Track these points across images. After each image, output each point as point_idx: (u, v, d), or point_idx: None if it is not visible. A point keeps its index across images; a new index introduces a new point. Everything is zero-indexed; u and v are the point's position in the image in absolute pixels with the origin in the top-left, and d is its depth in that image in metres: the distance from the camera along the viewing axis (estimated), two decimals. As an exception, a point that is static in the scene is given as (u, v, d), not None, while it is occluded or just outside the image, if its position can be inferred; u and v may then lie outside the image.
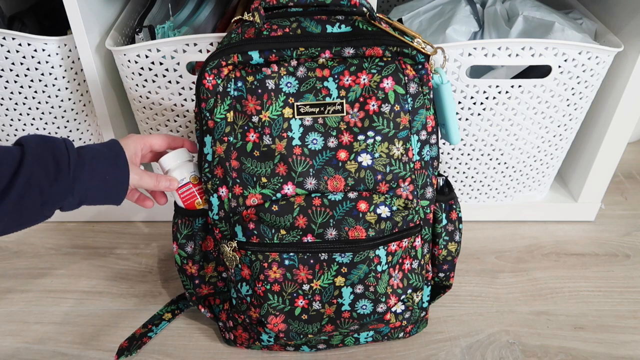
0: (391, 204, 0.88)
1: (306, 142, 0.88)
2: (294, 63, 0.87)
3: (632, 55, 1.13)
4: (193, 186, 0.96)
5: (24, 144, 0.78)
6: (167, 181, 0.93)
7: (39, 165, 0.77)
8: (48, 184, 0.77)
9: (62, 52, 1.12)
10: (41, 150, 0.78)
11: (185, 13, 1.24)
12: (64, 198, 0.80)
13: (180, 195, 0.96)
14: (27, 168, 0.75)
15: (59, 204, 0.80)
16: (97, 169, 0.82)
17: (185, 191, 0.96)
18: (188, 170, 0.96)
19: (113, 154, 0.86)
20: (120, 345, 1.05)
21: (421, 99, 0.89)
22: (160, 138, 0.95)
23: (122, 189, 0.86)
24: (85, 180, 0.81)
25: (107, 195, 0.85)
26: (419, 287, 0.96)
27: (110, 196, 0.86)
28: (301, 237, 0.86)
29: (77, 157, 0.80)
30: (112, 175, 0.85)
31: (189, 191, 0.96)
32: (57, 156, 0.79)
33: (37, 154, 0.77)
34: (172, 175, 0.95)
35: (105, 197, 0.85)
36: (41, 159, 0.77)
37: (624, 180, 1.51)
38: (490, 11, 1.21)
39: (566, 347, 1.07)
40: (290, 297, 0.89)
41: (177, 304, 1.14)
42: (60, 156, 0.79)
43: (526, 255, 1.28)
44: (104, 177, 0.83)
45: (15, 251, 1.28)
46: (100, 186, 0.83)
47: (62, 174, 0.78)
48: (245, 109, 0.87)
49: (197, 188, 0.96)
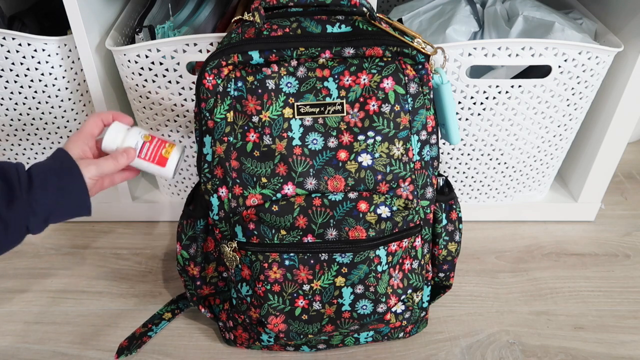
0: (391, 204, 0.88)
1: (306, 142, 0.88)
2: (294, 63, 0.87)
3: (632, 55, 1.13)
4: (149, 142, 0.93)
5: None
6: (124, 154, 0.90)
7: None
8: (5, 208, 0.76)
9: (62, 52, 1.12)
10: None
11: (185, 13, 1.24)
12: (25, 219, 0.79)
13: (146, 160, 0.93)
14: None
15: (22, 226, 0.79)
16: (49, 183, 0.81)
17: (146, 152, 0.93)
18: (134, 134, 0.93)
19: (59, 162, 0.84)
20: (120, 345, 1.05)
21: (421, 99, 0.89)
22: (91, 121, 0.91)
23: (81, 194, 0.84)
24: (42, 197, 0.79)
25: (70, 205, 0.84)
26: (419, 287, 0.96)
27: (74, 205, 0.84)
28: (301, 238, 0.86)
29: (27, 177, 0.79)
30: (66, 183, 0.83)
31: (150, 149, 0.93)
32: (8, 180, 0.78)
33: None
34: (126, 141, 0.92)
35: (70, 208, 0.84)
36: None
37: (624, 180, 1.51)
38: (490, 11, 1.21)
39: (566, 347, 1.07)
40: (290, 297, 0.89)
41: (177, 304, 1.14)
42: (11, 180, 0.78)
43: (526, 255, 1.28)
44: (59, 188, 0.81)
45: (15, 251, 1.28)
46: (59, 199, 0.81)
47: (15, 196, 0.77)
48: (245, 109, 0.87)
49: (154, 142, 0.93)
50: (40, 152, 1.28)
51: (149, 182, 1.40)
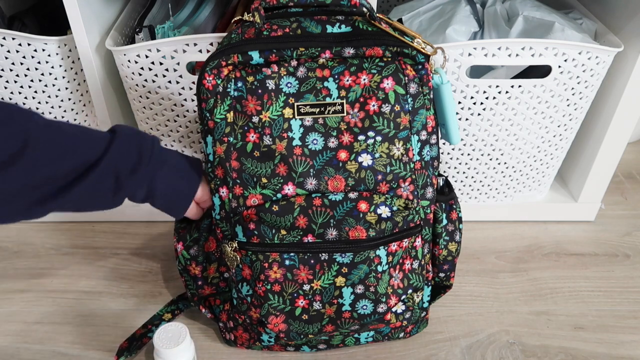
0: (391, 204, 0.88)
1: (306, 143, 0.88)
2: (294, 63, 0.87)
3: (632, 55, 1.13)
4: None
5: (116, 130, 0.83)
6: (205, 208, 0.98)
7: (122, 154, 0.81)
8: (126, 175, 0.81)
9: (62, 52, 1.12)
10: (129, 140, 0.83)
11: (185, 13, 1.24)
12: (134, 190, 0.84)
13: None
14: (112, 155, 0.79)
15: (128, 194, 0.85)
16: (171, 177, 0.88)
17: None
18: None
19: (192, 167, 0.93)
20: (120, 346, 1.05)
21: (421, 99, 0.89)
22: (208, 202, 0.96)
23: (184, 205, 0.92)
24: (158, 181, 0.86)
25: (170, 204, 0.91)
26: (420, 287, 0.96)
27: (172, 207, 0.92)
28: (302, 237, 0.86)
29: (159, 157, 0.86)
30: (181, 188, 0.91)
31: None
32: (142, 150, 0.83)
33: (124, 143, 0.82)
34: None
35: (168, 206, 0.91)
36: (126, 149, 0.82)
37: (624, 180, 1.51)
38: (490, 11, 1.21)
39: (566, 347, 1.07)
40: (290, 297, 0.89)
41: (177, 304, 1.14)
42: (144, 150, 0.83)
43: (526, 255, 1.28)
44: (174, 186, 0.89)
45: (15, 251, 1.28)
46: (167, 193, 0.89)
47: (141, 167, 0.83)
48: (245, 109, 0.87)
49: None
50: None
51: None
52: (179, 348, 0.93)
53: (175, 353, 0.93)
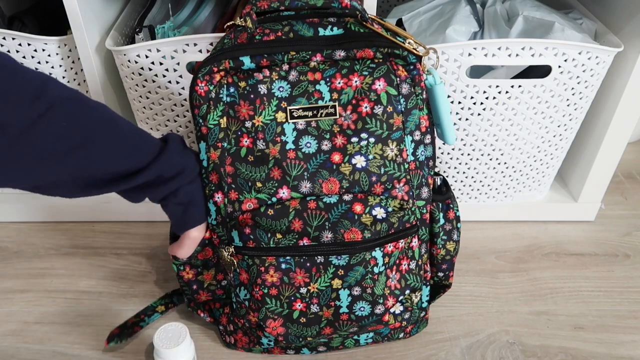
0: (386, 205, 0.88)
1: (300, 146, 0.87)
2: (286, 67, 0.87)
3: (632, 55, 1.12)
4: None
5: (167, 139, 0.86)
6: None
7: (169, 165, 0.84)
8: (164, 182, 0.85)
9: (62, 52, 1.13)
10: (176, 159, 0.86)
11: (185, 13, 1.24)
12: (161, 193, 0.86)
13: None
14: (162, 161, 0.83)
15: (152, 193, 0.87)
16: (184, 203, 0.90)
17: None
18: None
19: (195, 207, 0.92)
20: (111, 332, 1.06)
21: (414, 99, 0.89)
22: None
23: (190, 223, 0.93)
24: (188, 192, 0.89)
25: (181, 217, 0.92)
26: (417, 287, 0.96)
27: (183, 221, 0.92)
28: (297, 241, 0.86)
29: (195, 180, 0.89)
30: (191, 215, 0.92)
31: None
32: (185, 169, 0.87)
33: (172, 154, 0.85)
34: None
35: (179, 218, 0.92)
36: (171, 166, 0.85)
37: (624, 180, 1.51)
38: (490, 11, 1.21)
39: (566, 347, 1.07)
40: (288, 300, 0.89)
41: (172, 298, 1.14)
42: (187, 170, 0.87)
43: (526, 255, 1.28)
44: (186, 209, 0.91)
45: (15, 251, 1.29)
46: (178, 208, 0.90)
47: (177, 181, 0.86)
48: (238, 115, 0.87)
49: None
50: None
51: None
52: (179, 348, 0.93)
53: (175, 353, 0.93)
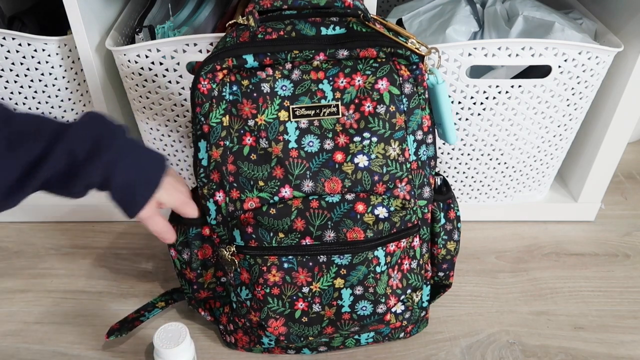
0: (388, 204, 0.88)
1: (302, 145, 0.87)
2: (289, 66, 0.87)
3: (632, 55, 1.13)
4: None
5: (78, 119, 0.78)
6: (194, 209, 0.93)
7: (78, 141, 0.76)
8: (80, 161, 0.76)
9: (62, 52, 1.13)
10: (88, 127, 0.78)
11: (185, 13, 1.24)
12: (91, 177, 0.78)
13: None
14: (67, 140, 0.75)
15: (87, 181, 0.78)
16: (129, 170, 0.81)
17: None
18: None
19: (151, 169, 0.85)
20: (112, 327, 1.06)
21: (416, 99, 0.89)
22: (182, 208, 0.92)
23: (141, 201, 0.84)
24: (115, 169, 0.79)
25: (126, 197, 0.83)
26: (419, 287, 0.96)
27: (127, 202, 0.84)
28: (299, 240, 0.86)
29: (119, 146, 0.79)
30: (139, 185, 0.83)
31: None
32: (101, 138, 0.78)
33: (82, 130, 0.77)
34: None
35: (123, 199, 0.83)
36: (83, 135, 0.77)
37: (624, 180, 1.51)
38: (490, 11, 1.21)
39: (566, 347, 1.07)
40: (290, 300, 0.89)
41: (172, 295, 1.14)
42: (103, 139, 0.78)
43: (526, 255, 1.28)
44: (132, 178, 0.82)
45: (15, 251, 1.29)
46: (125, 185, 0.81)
47: (96, 155, 0.77)
48: (240, 113, 0.87)
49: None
50: (40, 152, 1.28)
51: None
52: (179, 348, 0.93)
53: (176, 353, 0.93)
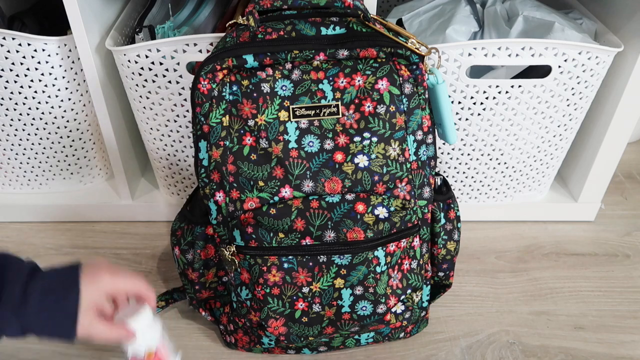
0: (389, 204, 0.88)
1: (302, 145, 0.87)
2: (289, 66, 0.87)
3: (632, 55, 1.13)
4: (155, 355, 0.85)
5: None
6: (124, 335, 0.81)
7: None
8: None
9: (62, 52, 1.13)
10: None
11: (185, 13, 1.24)
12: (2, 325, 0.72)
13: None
14: None
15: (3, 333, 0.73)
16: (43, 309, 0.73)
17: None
18: (147, 341, 0.84)
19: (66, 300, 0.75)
20: None
21: (416, 99, 0.89)
22: (134, 286, 0.81)
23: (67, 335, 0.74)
24: (29, 315, 0.72)
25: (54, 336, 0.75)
26: (419, 287, 0.96)
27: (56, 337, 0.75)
28: (300, 240, 0.86)
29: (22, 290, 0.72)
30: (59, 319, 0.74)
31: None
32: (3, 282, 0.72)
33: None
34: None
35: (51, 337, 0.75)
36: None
37: (624, 180, 1.51)
38: (490, 11, 1.21)
39: (566, 347, 1.07)
40: (290, 300, 0.89)
41: (172, 295, 1.15)
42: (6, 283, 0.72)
43: (526, 255, 1.28)
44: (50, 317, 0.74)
45: (15, 251, 1.26)
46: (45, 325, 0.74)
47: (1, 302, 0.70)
48: (241, 113, 0.87)
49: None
50: (40, 152, 1.28)
51: (149, 182, 1.40)
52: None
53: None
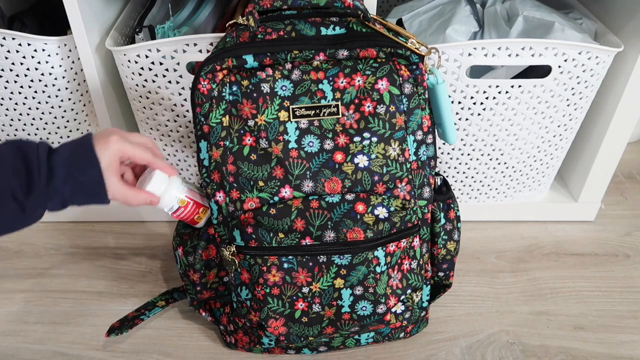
0: (389, 204, 0.88)
1: (302, 145, 0.87)
2: (289, 66, 0.87)
3: (632, 55, 1.13)
4: (184, 208, 0.94)
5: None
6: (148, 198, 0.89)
7: (11, 176, 0.76)
8: (23, 194, 0.76)
9: (62, 52, 1.12)
10: (14, 159, 0.77)
11: (185, 13, 1.24)
12: (43, 205, 0.79)
13: (177, 218, 0.96)
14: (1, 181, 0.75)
15: (40, 209, 0.79)
16: (70, 177, 0.79)
17: (180, 214, 0.95)
18: (174, 194, 0.93)
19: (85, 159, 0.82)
20: (112, 325, 1.06)
21: (416, 99, 0.89)
22: (141, 152, 0.87)
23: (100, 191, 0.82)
24: (61, 189, 0.79)
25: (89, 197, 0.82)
26: (419, 287, 0.96)
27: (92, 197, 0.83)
28: (299, 240, 0.86)
29: (47, 168, 0.78)
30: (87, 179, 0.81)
31: (184, 214, 0.95)
32: (29, 167, 0.77)
33: (10, 164, 0.76)
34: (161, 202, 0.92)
35: (88, 199, 0.82)
36: (14, 168, 0.76)
37: (624, 180, 1.51)
38: (490, 11, 1.21)
39: (566, 347, 1.07)
40: (290, 300, 0.89)
41: (172, 294, 1.15)
42: (31, 167, 0.77)
43: (526, 255, 1.28)
44: (80, 182, 0.80)
45: (15, 251, 1.29)
46: (78, 191, 0.81)
47: (34, 184, 0.77)
48: (240, 113, 0.87)
49: (189, 208, 0.95)
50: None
51: (149, 181, 1.40)
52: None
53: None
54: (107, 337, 1.04)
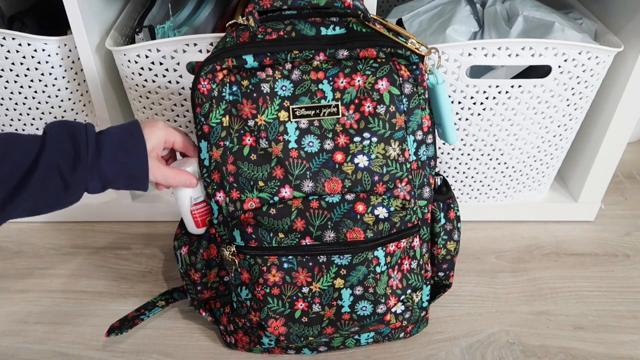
0: (389, 204, 0.88)
1: (302, 145, 0.87)
2: (289, 66, 0.87)
3: (632, 55, 1.13)
4: (204, 204, 0.95)
5: (47, 131, 0.81)
6: (188, 179, 0.92)
7: (59, 152, 0.79)
8: (68, 170, 0.79)
9: (62, 52, 1.12)
10: (62, 137, 0.80)
11: (185, 13, 1.24)
12: (85, 183, 0.82)
13: (193, 213, 0.96)
14: (48, 155, 0.78)
15: (81, 188, 0.82)
16: (117, 158, 0.83)
17: (199, 208, 0.95)
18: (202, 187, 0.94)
19: (132, 144, 0.86)
20: (112, 325, 1.06)
21: (416, 99, 0.89)
22: (183, 139, 0.93)
23: (142, 175, 0.86)
24: (106, 169, 0.82)
25: (131, 181, 0.86)
26: (419, 287, 0.96)
27: (133, 182, 0.86)
28: (299, 240, 0.86)
29: (95, 146, 0.82)
30: (132, 162, 0.85)
31: (202, 209, 0.96)
32: (77, 143, 0.80)
33: (58, 141, 0.79)
34: None
35: (129, 183, 0.86)
36: (62, 145, 0.79)
37: (624, 180, 1.51)
38: (490, 11, 1.21)
39: (566, 347, 1.07)
40: (290, 300, 0.89)
41: (172, 294, 1.15)
42: (80, 143, 0.80)
43: (526, 255, 1.28)
44: (124, 164, 0.84)
45: (15, 251, 1.29)
46: (121, 174, 0.84)
47: (81, 160, 0.80)
48: (240, 113, 0.87)
49: (207, 207, 0.96)
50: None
51: (149, 181, 1.40)
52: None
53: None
54: (107, 337, 1.04)
